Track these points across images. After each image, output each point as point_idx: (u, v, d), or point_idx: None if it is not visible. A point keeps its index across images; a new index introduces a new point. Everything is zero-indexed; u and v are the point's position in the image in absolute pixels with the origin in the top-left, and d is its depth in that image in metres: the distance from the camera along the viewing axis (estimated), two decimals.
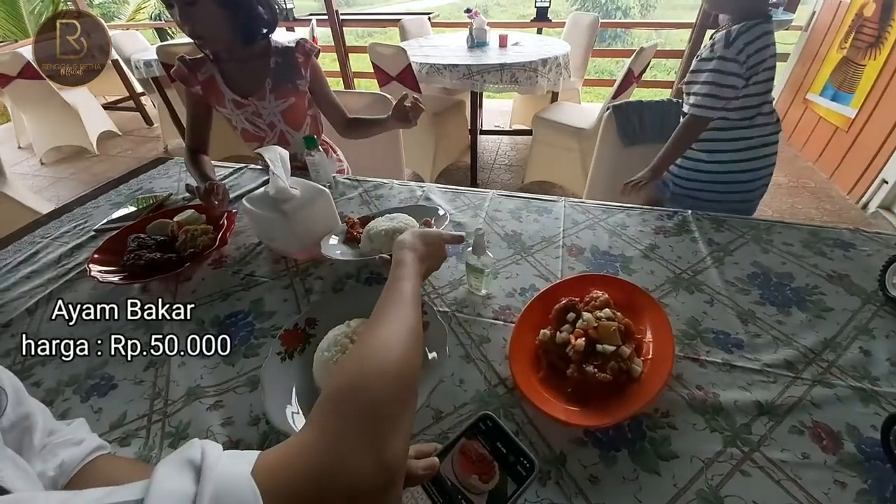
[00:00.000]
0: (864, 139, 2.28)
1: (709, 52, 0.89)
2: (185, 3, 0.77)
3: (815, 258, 0.73)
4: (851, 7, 2.44)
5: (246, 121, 0.99)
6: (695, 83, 0.91)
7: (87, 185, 2.80)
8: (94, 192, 1.01)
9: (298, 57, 0.95)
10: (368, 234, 0.72)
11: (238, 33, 0.86)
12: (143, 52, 2.73)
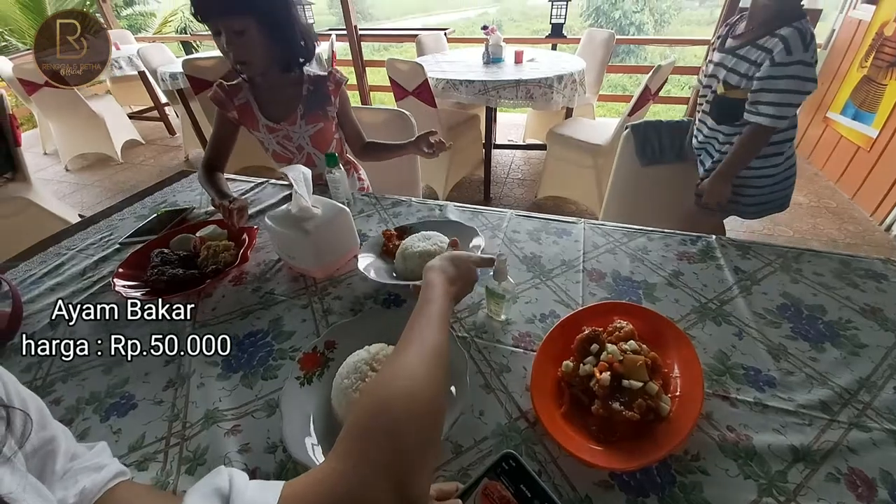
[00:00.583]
0: (888, 159, 2.23)
1: (783, 56, 0.82)
2: (233, 31, 0.82)
3: (847, 290, 0.70)
4: (872, 26, 2.40)
5: (276, 143, 1.03)
6: (770, 91, 0.85)
7: (110, 192, 2.88)
8: (120, 205, 1.03)
9: (329, 86, 1.00)
10: (403, 254, 0.73)
11: (278, 61, 0.91)
12: (169, 65, 2.82)
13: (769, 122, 0.85)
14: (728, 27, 1.00)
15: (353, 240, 0.78)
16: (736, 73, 0.91)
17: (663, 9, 14.21)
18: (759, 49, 0.86)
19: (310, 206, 0.71)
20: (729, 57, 0.93)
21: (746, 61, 0.89)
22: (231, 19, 0.81)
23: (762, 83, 0.85)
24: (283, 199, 1.02)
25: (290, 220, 0.70)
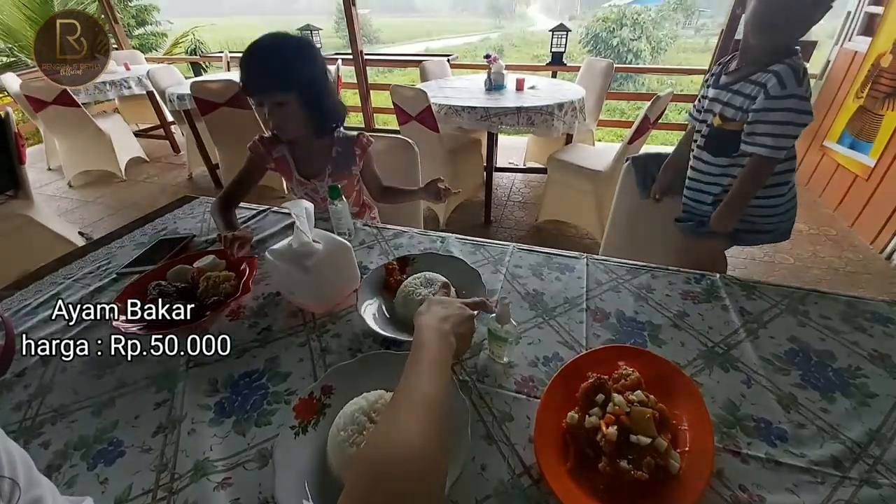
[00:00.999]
0: (886, 189, 2.25)
1: (777, 90, 0.83)
2: (275, 103, 0.90)
3: (854, 334, 0.69)
4: (868, 57, 2.46)
5: (304, 194, 1.13)
6: (765, 122, 0.86)
7: (111, 210, 2.89)
8: (119, 231, 1.03)
9: (356, 150, 1.10)
10: (405, 299, 0.72)
11: (313, 128, 1.00)
12: (177, 86, 2.88)
13: (767, 151, 0.86)
14: (721, 66, 1.01)
15: (354, 276, 0.77)
16: (731, 107, 0.92)
17: (660, 37, 14.66)
18: (753, 83, 0.87)
19: (311, 241, 0.70)
20: (724, 92, 0.94)
21: (741, 95, 0.90)
22: (275, 95, 0.90)
23: (757, 115, 0.86)
24: (285, 229, 1.02)
25: (290, 256, 0.70)
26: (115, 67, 3.60)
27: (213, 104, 2.52)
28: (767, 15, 0.83)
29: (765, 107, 0.84)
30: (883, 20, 2.38)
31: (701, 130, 1.03)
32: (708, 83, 1.03)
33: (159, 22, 9.45)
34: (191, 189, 3.23)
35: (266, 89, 0.89)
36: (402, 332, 0.68)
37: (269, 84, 0.89)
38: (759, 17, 0.85)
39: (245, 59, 0.88)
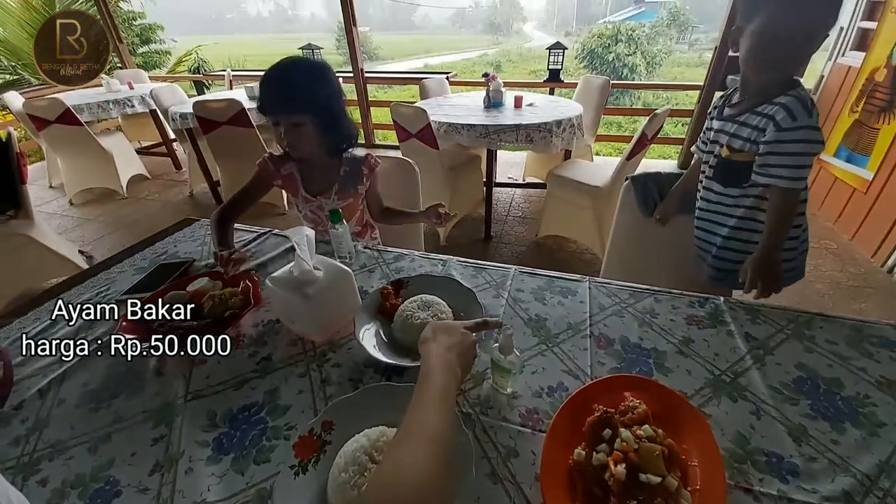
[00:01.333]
0: (885, 202, 2.26)
1: (788, 122, 0.80)
2: (291, 123, 0.94)
3: (861, 360, 0.68)
4: (862, 72, 2.49)
5: (309, 211, 1.15)
6: (776, 154, 0.82)
7: (112, 228, 2.89)
8: (119, 256, 1.02)
9: (364, 170, 1.12)
10: (403, 324, 0.71)
11: (326, 147, 1.04)
12: (180, 105, 2.91)
13: (786, 183, 0.81)
14: (724, 98, 0.99)
15: (356, 303, 0.77)
16: (739, 138, 0.89)
17: (654, 52, 14.91)
18: (760, 115, 0.84)
19: (311, 269, 0.70)
20: (729, 124, 0.92)
21: (748, 126, 0.87)
22: (291, 116, 0.93)
23: (769, 147, 0.82)
24: (286, 252, 1.02)
25: (291, 284, 0.69)
26: (118, 86, 3.65)
27: (215, 123, 2.55)
28: (764, 53, 0.81)
29: (777, 139, 0.81)
30: (876, 35, 2.42)
31: (709, 161, 1.01)
32: (712, 115, 1.01)
33: (163, 40, 9.64)
34: (192, 205, 3.24)
35: (283, 110, 0.93)
36: (403, 356, 0.67)
37: (287, 105, 0.92)
38: (755, 55, 0.82)
39: (265, 80, 0.92)
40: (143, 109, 3.46)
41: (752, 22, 0.81)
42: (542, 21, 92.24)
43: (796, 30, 0.77)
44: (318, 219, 1.17)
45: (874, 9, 2.56)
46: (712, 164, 0.98)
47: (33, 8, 5.38)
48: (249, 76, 4.55)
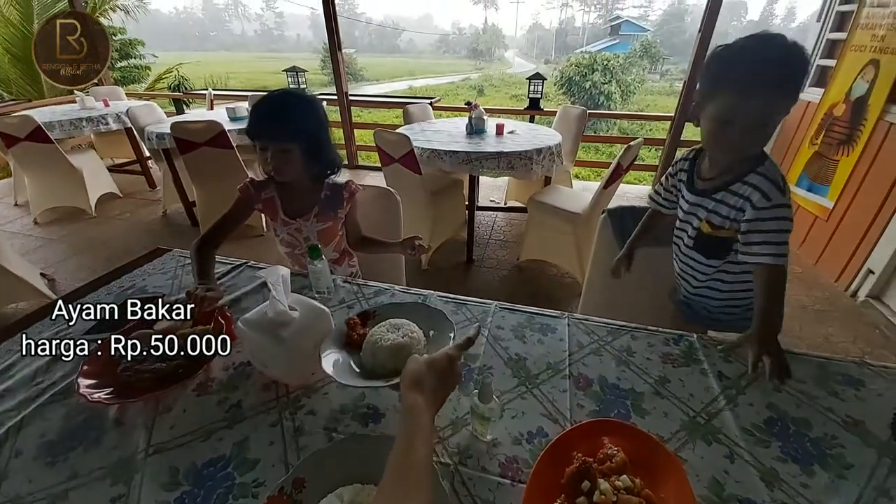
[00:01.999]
0: (845, 229, 2.39)
1: (764, 202, 0.78)
2: (279, 150, 0.97)
3: (828, 399, 0.70)
4: (821, 107, 2.67)
5: (287, 234, 1.16)
6: (757, 232, 0.80)
7: (77, 250, 2.77)
8: (83, 289, 0.97)
9: (345, 194, 1.14)
10: (372, 348, 0.69)
11: (309, 173, 1.07)
12: (157, 125, 2.86)
13: (772, 260, 0.79)
14: (689, 161, 0.94)
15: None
16: (718, 215, 0.85)
17: (628, 81, 15.68)
18: (735, 195, 0.81)
19: (286, 309, 0.68)
20: (706, 200, 0.88)
21: (726, 205, 0.83)
22: (280, 143, 0.97)
23: (749, 226, 0.80)
24: (260, 286, 0.99)
25: (265, 325, 0.67)
26: (93, 103, 3.57)
27: (193, 143, 2.51)
28: (722, 139, 0.78)
29: (756, 217, 0.79)
30: (835, 72, 2.61)
31: (686, 230, 0.96)
32: (679, 177, 0.96)
33: (143, 55, 9.52)
34: (164, 226, 3.14)
35: (273, 136, 0.97)
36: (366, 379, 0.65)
37: (277, 132, 0.97)
38: (715, 139, 0.79)
39: (257, 108, 0.97)
40: (118, 127, 3.38)
41: (710, 104, 0.76)
42: (522, 49, 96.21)
43: (754, 117, 0.72)
44: (296, 242, 1.17)
45: (833, 47, 2.78)
46: (691, 234, 0.95)
47: (10, 24, 5.25)
48: (231, 96, 4.53)
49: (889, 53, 2.19)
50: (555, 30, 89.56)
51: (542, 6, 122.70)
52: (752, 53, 0.71)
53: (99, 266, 2.57)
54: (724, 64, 0.74)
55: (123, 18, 7.49)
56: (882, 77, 2.24)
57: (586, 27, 78.29)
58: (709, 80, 0.77)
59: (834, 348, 1.97)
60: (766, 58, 0.70)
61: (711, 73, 0.77)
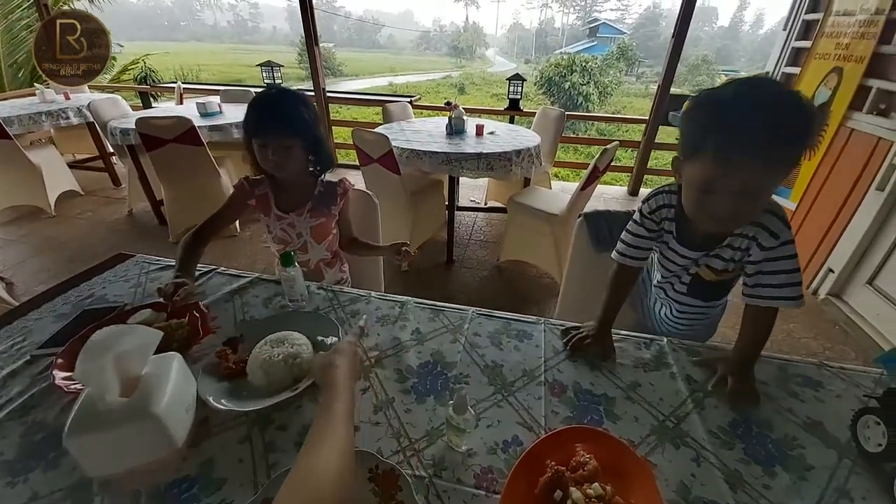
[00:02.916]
0: (807, 230, 2.52)
1: (772, 242, 0.72)
2: (281, 146, 1.00)
3: (789, 400, 0.74)
4: None
5: (280, 229, 1.17)
6: (769, 273, 0.74)
7: (36, 251, 2.62)
8: (38, 299, 0.91)
9: (338, 190, 1.18)
10: (261, 367, 0.68)
11: (307, 168, 1.11)
12: (121, 120, 2.72)
13: (793, 304, 0.73)
14: (672, 210, 0.81)
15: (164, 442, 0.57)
16: (720, 259, 0.78)
17: (606, 83, 16.02)
18: (739, 237, 0.74)
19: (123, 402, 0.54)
20: (702, 255, 0.80)
21: (730, 248, 0.76)
22: (283, 139, 1.00)
23: (758, 267, 0.74)
24: (231, 294, 0.96)
25: (114, 417, 0.53)
26: (53, 96, 3.37)
27: (160, 140, 2.40)
28: (707, 209, 0.65)
29: (766, 258, 0.73)
30: (799, 80, 2.73)
31: (679, 277, 0.90)
32: (659, 229, 0.85)
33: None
34: (130, 226, 3.00)
35: (276, 132, 1.00)
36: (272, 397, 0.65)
37: (280, 128, 0.99)
38: (697, 208, 0.68)
39: (255, 106, 1.00)
40: (79, 121, 3.20)
41: (690, 165, 0.64)
42: (503, 48, 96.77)
43: (743, 187, 0.60)
44: (288, 238, 1.18)
45: (798, 55, 2.90)
46: (684, 280, 0.89)
47: None
48: (202, 90, 4.36)
49: (853, 61, 2.30)
50: (535, 30, 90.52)
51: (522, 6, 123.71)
52: (742, 108, 0.58)
53: (59, 268, 2.43)
54: (709, 117, 0.61)
55: (87, 6, 7.09)
56: (845, 84, 2.35)
57: (565, 28, 79.49)
58: (690, 135, 0.64)
59: (796, 343, 2.07)
60: (759, 115, 0.56)
61: (693, 127, 0.64)
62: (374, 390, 0.71)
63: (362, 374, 0.64)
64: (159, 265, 1.06)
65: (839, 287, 2.34)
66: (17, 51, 5.53)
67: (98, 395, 0.53)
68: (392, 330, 0.86)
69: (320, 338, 0.77)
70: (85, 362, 0.55)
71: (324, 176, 1.17)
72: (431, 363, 0.78)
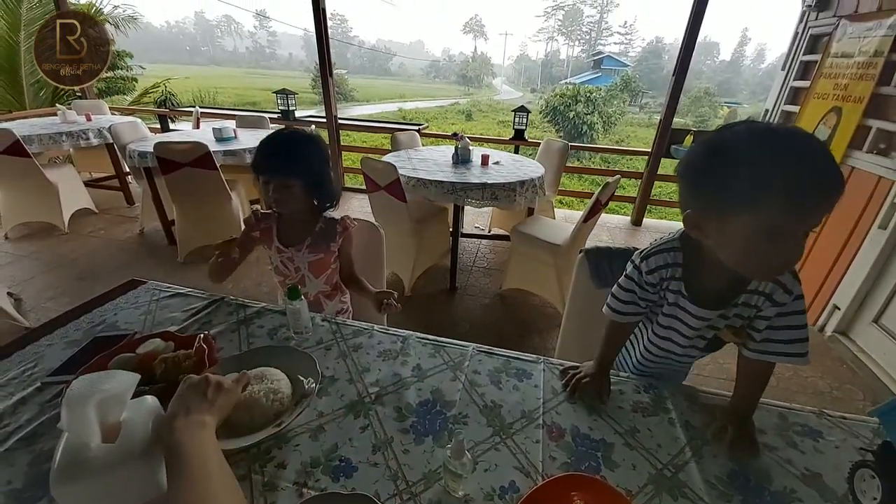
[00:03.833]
0: (811, 266, 2.51)
1: (785, 297, 0.71)
2: (283, 185, 1.05)
3: (787, 451, 0.73)
4: None
5: (280, 262, 1.22)
6: (781, 329, 0.73)
7: (47, 267, 2.67)
8: (50, 325, 0.94)
9: (338, 228, 1.21)
10: (244, 404, 0.68)
11: (308, 206, 1.15)
12: (140, 143, 2.82)
13: (802, 360, 0.73)
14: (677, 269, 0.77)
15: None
16: (740, 318, 0.77)
17: (610, 112, 16.38)
18: (755, 294, 0.73)
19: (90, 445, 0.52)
20: (726, 309, 0.76)
21: (747, 306, 0.75)
22: (284, 179, 1.05)
23: (770, 322, 0.73)
24: (238, 323, 0.98)
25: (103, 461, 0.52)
26: (74, 117, 3.51)
27: (176, 164, 2.49)
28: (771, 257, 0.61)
29: (779, 313, 0.72)
30: (799, 118, 2.80)
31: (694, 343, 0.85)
32: (662, 289, 0.81)
33: (130, 66, 9.46)
34: (140, 244, 3.07)
35: (277, 172, 1.05)
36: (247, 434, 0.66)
37: (281, 169, 1.05)
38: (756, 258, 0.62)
39: (263, 146, 1.06)
40: (98, 143, 3.32)
41: (744, 213, 0.59)
42: (510, 77, 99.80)
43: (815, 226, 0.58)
44: (287, 271, 1.23)
45: (797, 94, 2.98)
46: (699, 346, 0.86)
47: None
48: (219, 114, 4.53)
49: (851, 101, 2.36)
50: (541, 61, 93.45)
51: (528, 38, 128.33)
52: (787, 149, 0.56)
53: (68, 286, 2.48)
54: (750, 164, 0.57)
55: (113, 31, 7.48)
56: (844, 124, 2.41)
57: (570, 60, 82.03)
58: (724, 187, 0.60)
59: (803, 382, 2.04)
60: (811, 154, 0.55)
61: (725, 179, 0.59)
62: (374, 429, 0.72)
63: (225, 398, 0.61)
64: (169, 292, 1.08)
65: (846, 324, 2.32)
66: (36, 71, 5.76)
67: (82, 443, 0.52)
68: (393, 366, 0.87)
69: (300, 377, 0.76)
70: (68, 412, 0.53)
71: (327, 213, 1.22)
72: (431, 401, 0.79)
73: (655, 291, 0.82)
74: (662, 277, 0.78)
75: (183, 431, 0.53)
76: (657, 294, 0.82)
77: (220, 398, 0.60)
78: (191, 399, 0.58)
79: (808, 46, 2.93)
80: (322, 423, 0.73)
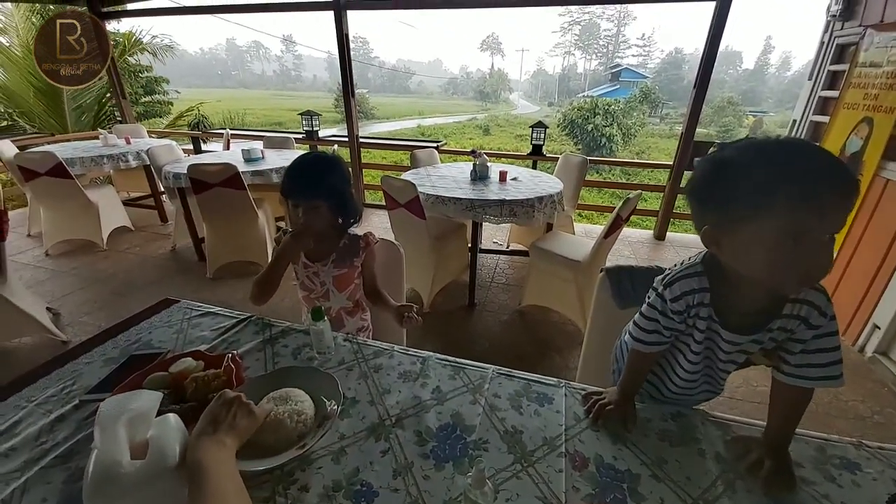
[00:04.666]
0: (848, 283, 2.39)
1: (821, 320, 0.68)
2: (310, 207, 1.11)
3: (825, 485, 0.69)
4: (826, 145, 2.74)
5: (306, 277, 1.27)
6: (816, 352, 0.70)
7: (85, 283, 2.81)
8: (89, 343, 0.99)
9: (362, 244, 1.26)
10: (269, 426, 0.70)
11: (334, 224, 1.20)
12: (174, 165, 2.98)
13: (837, 383, 0.70)
14: (704, 294, 0.73)
15: None
16: (774, 342, 0.74)
17: (629, 124, 16.21)
18: (789, 318, 0.70)
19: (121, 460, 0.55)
20: (760, 335, 0.72)
21: (782, 331, 0.71)
22: (312, 201, 1.10)
23: (805, 345, 0.70)
24: (264, 343, 1.01)
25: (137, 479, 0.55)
26: (115, 141, 3.75)
27: (207, 184, 2.61)
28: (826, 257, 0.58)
29: (814, 335, 0.69)
30: (829, 129, 2.70)
31: (727, 369, 0.83)
32: (688, 316, 0.77)
33: (167, 91, 10.08)
34: (172, 261, 3.20)
35: (306, 196, 1.11)
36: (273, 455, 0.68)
37: (309, 193, 1.11)
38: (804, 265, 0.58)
39: (291, 171, 1.12)
40: (137, 164, 3.52)
41: (763, 218, 0.57)
42: (527, 92, 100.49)
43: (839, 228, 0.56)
44: (312, 286, 1.27)
45: (826, 104, 2.89)
46: (730, 370, 0.85)
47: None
48: (248, 135, 4.74)
49: (883, 112, 2.27)
50: (558, 75, 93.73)
51: (545, 53, 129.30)
52: (799, 152, 0.56)
53: (104, 300, 2.61)
54: (767, 168, 0.57)
55: (150, 59, 8.00)
56: (876, 135, 2.31)
57: (588, 73, 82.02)
58: (741, 196, 0.59)
59: (843, 407, 1.92)
60: (821, 157, 0.55)
61: (742, 186, 0.59)
62: (394, 453, 0.72)
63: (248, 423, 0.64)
64: (200, 311, 1.13)
65: (886, 344, 2.19)
66: (81, 96, 6.15)
67: (113, 461, 0.54)
68: (413, 388, 0.88)
69: (323, 398, 0.78)
70: (101, 431, 0.57)
71: (351, 230, 1.26)
72: (451, 426, 0.78)
73: (682, 320, 0.77)
74: (689, 304, 0.74)
75: (204, 451, 0.56)
76: (683, 323, 0.78)
77: (244, 422, 0.63)
78: (217, 417, 0.62)
79: (834, 56, 2.85)
80: (344, 445, 0.74)
